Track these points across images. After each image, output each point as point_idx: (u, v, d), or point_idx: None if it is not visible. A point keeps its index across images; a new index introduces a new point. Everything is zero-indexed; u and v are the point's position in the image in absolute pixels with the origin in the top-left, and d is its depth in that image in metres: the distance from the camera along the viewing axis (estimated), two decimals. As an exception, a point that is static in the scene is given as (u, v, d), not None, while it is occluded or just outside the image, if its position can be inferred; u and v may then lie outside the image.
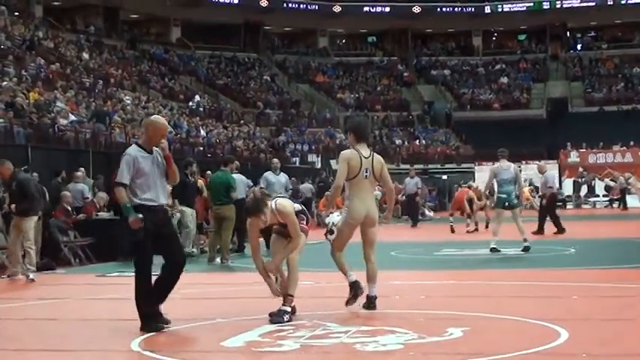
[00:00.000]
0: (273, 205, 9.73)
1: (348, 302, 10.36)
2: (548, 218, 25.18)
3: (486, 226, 27.66)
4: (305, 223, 9.99)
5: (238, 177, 20.69)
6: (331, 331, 8.98)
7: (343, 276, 10.49)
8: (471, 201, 28.78)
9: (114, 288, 14.37)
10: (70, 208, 20.57)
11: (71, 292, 14.04)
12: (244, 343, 8.33)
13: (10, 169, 16.25)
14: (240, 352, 7.99)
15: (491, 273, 15.02)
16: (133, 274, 9.57)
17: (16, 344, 9.00)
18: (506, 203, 18.90)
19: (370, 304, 10.36)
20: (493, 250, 18.59)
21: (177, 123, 40.79)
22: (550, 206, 25.62)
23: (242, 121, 51.59)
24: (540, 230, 24.99)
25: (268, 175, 21.33)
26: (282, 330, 9.03)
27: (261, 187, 19.98)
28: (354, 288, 10.33)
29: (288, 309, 9.59)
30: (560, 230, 24.75)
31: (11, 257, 16.28)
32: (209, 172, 22.69)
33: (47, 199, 18.60)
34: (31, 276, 15.76)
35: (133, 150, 9.51)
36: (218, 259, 18.54)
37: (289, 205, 9.84)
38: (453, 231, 27.76)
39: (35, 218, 16.33)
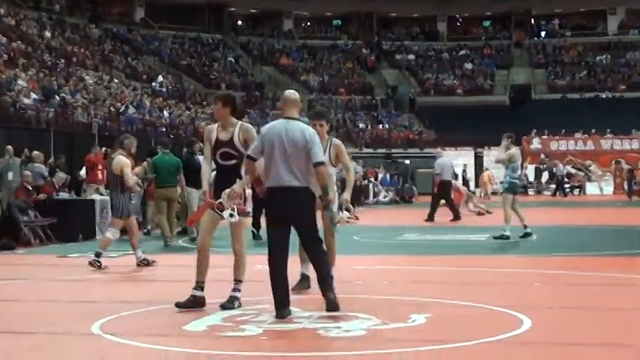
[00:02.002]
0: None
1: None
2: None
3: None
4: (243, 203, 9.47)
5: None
6: (294, 315, 8.92)
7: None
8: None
9: (75, 269, 14.27)
10: (30, 188, 20.41)
11: (31, 273, 13.90)
12: (207, 327, 8.29)
13: None
14: (202, 337, 7.94)
15: (453, 259, 15.02)
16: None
17: (-27, 326, 8.90)
18: (516, 189, 18.88)
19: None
20: (500, 237, 18.36)
21: (139, 104, 40.55)
22: (440, 193, 25.86)
23: (205, 103, 51.30)
24: (430, 218, 25.34)
25: None
26: (245, 314, 8.98)
27: None
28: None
29: (239, 295, 9.40)
30: (456, 217, 24.97)
31: None
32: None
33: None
34: None
35: None
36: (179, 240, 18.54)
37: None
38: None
39: None
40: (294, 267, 10.18)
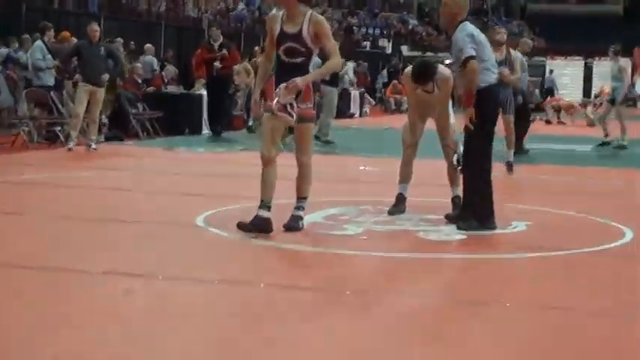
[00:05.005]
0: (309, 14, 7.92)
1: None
2: None
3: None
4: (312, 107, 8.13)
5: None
6: (394, 217, 8.99)
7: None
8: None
9: (180, 163, 14.56)
10: (139, 81, 20.69)
11: (138, 164, 14.20)
12: (308, 225, 8.34)
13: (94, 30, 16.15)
14: (304, 234, 8.01)
15: (556, 169, 14.87)
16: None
17: (82, 213, 9.16)
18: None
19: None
20: (620, 147, 18.93)
21: (250, 0, 40.55)
22: None
23: (314, 2, 50.94)
24: None
25: None
26: (346, 214, 9.07)
27: None
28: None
29: (302, 214, 8.17)
30: None
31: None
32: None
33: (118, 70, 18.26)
34: (93, 146, 15.89)
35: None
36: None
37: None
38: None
39: (85, 87, 15.72)
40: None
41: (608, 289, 6.37)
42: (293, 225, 8.06)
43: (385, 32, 52.25)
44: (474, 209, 8.40)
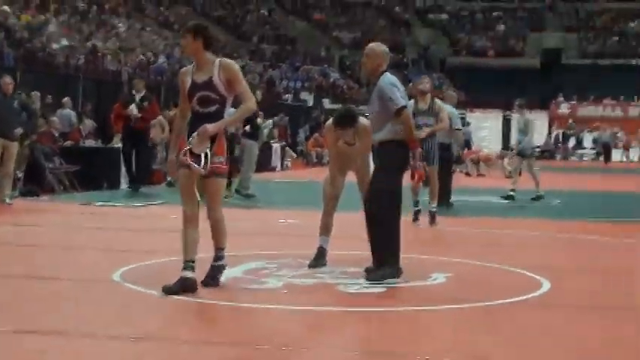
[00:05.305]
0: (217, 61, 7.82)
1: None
2: None
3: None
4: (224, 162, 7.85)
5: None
6: (315, 270, 8.95)
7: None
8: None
9: (98, 217, 14.34)
10: (56, 134, 20.45)
11: (54, 220, 13.98)
12: (228, 280, 8.24)
13: (7, 83, 15.71)
14: (223, 289, 7.92)
15: (477, 221, 15.03)
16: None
17: (-4, 269, 8.97)
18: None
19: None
20: (536, 198, 19.05)
21: (169, 54, 40.49)
22: None
23: (236, 55, 51.10)
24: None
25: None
26: (266, 268, 9.01)
27: None
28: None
29: (224, 262, 8.06)
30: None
31: None
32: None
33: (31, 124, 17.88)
34: (8, 201, 15.56)
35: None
36: None
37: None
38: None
39: None
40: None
41: (526, 340, 6.38)
42: (211, 281, 7.92)
43: (306, 85, 52.54)
44: (385, 259, 8.46)
